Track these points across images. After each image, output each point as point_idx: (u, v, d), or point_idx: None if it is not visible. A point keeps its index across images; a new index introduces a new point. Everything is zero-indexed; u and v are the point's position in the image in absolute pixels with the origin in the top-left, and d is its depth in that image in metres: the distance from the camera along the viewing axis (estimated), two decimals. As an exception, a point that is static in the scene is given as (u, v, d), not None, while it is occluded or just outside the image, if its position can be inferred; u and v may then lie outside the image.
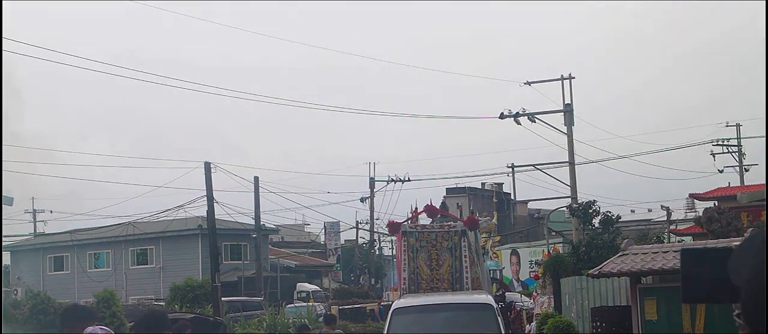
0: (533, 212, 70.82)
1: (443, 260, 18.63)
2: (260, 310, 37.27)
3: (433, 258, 18.62)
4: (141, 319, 7.34)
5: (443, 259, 18.63)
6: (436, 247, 18.72)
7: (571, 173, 44.71)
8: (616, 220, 37.35)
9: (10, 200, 23.41)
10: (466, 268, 18.41)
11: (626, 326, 22.29)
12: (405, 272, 18.53)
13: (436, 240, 18.77)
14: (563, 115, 44.82)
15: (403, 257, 18.71)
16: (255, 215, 51.55)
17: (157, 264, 61.26)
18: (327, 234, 71.47)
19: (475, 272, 18.61)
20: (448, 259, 18.61)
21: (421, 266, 18.56)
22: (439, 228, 19.12)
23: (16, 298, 39.27)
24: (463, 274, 18.35)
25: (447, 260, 18.61)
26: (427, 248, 18.69)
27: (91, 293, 39.05)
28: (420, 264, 18.57)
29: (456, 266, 18.51)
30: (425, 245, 18.71)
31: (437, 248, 18.71)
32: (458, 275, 18.42)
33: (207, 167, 38.79)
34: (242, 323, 32.36)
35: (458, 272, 18.44)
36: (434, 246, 18.71)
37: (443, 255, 18.65)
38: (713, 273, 2.04)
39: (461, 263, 18.48)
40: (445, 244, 18.69)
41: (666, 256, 21.30)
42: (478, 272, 18.85)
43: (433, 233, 19.00)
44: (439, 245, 18.71)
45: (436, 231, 19.04)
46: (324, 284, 63.54)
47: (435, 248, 18.70)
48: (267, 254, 60.47)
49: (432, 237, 18.84)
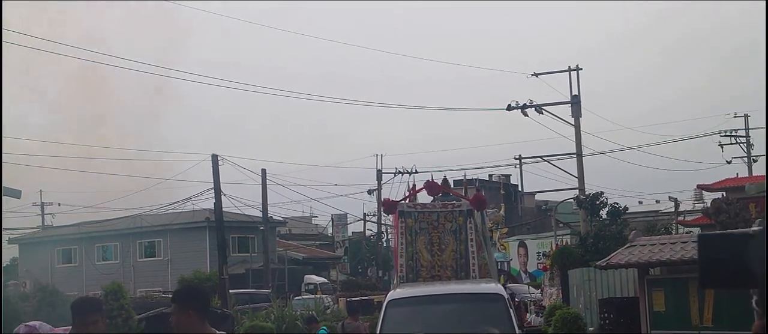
0: (541, 203, 70.80)
1: (446, 243, 16.39)
2: (268, 302, 37.26)
3: (435, 242, 16.40)
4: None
5: (446, 243, 16.40)
6: (437, 229, 16.46)
7: (579, 164, 44.62)
8: (624, 211, 37.30)
9: (17, 192, 23.41)
10: (473, 253, 16.13)
11: (634, 317, 22.26)
12: (402, 257, 16.27)
13: (437, 221, 16.49)
14: (570, 106, 44.75)
15: (400, 241, 16.40)
16: (262, 208, 51.58)
17: (164, 256, 61.38)
18: (334, 226, 71.49)
19: (482, 258, 16.46)
20: (451, 243, 16.37)
21: (421, 251, 16.35)
22: (442, 208, 16.75)
23: (25, 290, 39.38)
24: (469, 260, 16.13)
25: (450, 243, 16.37)
26: (428, 231, 16.44)
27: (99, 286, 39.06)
28: (419, 249, 16.35)
29: (461, 251, 16.27)
30: (426, 226, 16.46)
31: (439, 230, 16.45)
32: (463, 261, 16.20)
33: (214, 160, 38.81)
34: (250, 315, 32.36)
35: (464, 258, 16.21)
36: (436, 228, 16.47)
37: (446, 238, 16.40)
38: (732, 259, 2.01)
39: (467, 247, 16.22)
40: (448, 225, 16.45)
41: (674, 247, 21.26)
42: (485, 258, 16.69)
43: (434, 213, 16.64)
44: (441, 227, 16.46)
45: (437, 211, 16.67)
46: (331, 276, 63.56)
47: (437, 230, 16.45)
48: (275, 247, 60.53)
49: (433, 218, 16.53)
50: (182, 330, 6.06)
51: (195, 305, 6.12)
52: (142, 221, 56.16)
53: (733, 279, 2.04)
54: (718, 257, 2.09)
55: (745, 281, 1.88)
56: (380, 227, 66.52)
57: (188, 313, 6.07)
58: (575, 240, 38.98)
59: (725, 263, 2.06)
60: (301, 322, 27.57)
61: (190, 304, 6.12)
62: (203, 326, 6.09)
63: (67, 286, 44.67)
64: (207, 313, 6.17)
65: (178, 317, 6.10)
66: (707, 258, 2.09)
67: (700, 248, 2.11)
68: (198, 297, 6.27)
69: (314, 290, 51.26)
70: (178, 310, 6.12)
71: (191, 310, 6.07)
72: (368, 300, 45.48)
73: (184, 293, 6.40)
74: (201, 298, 6.28)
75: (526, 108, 44.87)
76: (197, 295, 6.35)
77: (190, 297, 6.25)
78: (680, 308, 20.90)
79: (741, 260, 1.98)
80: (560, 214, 58.30)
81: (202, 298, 6.29)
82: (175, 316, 6.13)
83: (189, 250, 59.05)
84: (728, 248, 2.07)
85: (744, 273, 1.94)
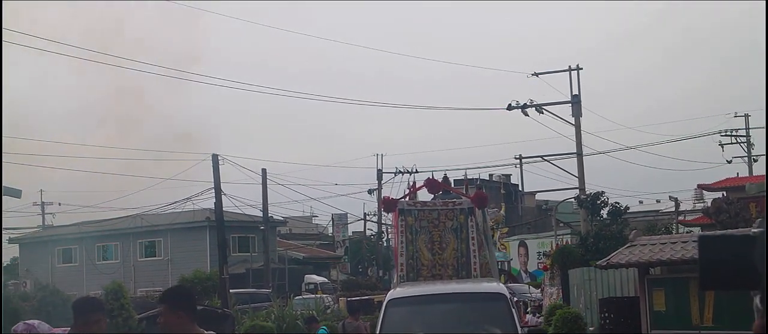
0: (541, 203, 70.83)
1: (447, 242, 16.19)
2: (268, 302, 37.28)
3: (436, 240, 16.20)
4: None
5: (447, 241, 16.19)
6: (438, 227, 16.24)
7: (579, 164, 44.64)
8: (624, 211, 37.31)
9: (18, 192, 23.42)
10: (474, 251, 15.97)
11: (634, 317, 22.26)
12: (402, 256, 16.04)
13: (438, 219, 16.28)
14: (571, 106, 44.76)
15: (400, 240, 16.18)
16: (263, 207, 51.59)
17: (165, 256, 61.40)
18: (335, 226, 71.54)
19: (483, 257, 16.29)
20: (452, 241, 16.17)
21: (422, 250, 16.14)
22: (443, 205, 16.53)
23: (25, 290, 39.42)
24: (470, 259, 15.97)
25: (451, 242, 16.18)
26: (429, 229, 16.23)
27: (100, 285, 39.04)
28: (420, 247, 16.14)
29: (462, 250, 16.10)
30: (426, 225, 16.25)
31: (440, 228, 16.23)
32: (464, 259, 16.06)
33: (215, 159, 38.81)
34: (250, 315, 32.37)
35: (464, 257, 16.06)
36: (436, 226, 16.24)
37: (447, 237, 16.20)
38: (734, 260, 2.02)
39: (468, 245, 16.06)
40: (449, 224, 16.23)
41: (674, 247, 21.26)
42: (486, 257, 16.55)
43: (435, 210, 16.41)
44: (442, 225, 16.24)
45: (438, 209, 16.44)
46: (332, 276, 63.58)
47: (437, 228, 16.23)
48: (275, 246, 60.55)
49: (434, 216, 16.31)
50: (171, 330, 6.07)
51: (184, 306, 6.13)
52: (143, 220, 56.16)
53: (734, 280, 2.04)
54: (719, 258, 2.08)
55: (745, 282, 1.88)
56: (380, 226, 66.57)
57: (178, 313, 6.08)
58: (576, 240, 39.00)
59: (726, 264, 2.06)
60: (302, 322, 27.60)
61: (180, 304, 6.14)
62: (192, 326, 6.10)
63: (67, 286, 44.65)
64: (195, 313, 6.19)
65: (167, 318, 6.12)
66: (708, 259, 2.09)
67: (701, 250, 2.11)
68: (187, 298, 6.30)
69: (315, 289, 51.26)
70: (168, 310, 6.13)
71: (181, 310, 6.09)
72: (369, 300, 45.50)
73: (172, 294, 6.41)
74: (189, 298, 6.31)
75: (527, 108, 44.91)
76: (186, 295, 6.37)
77: (179, 297, 6.27)
78: (681, 308, 20.90)
79: (742, 261, 1.98)
80: (561, 213, 58.31)
81: (190, 298, 6.32)
82: (164, 316, 6.15)
83: (189, 249, 59.08)
84: (729, 249, 2.07)
85: (744, 274, 1.94)
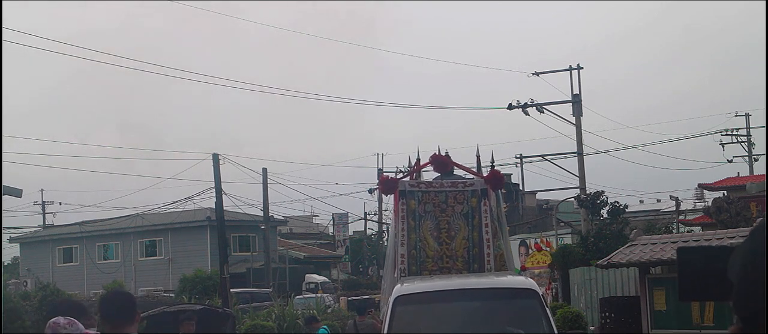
0: (542, 202, 70.81)
1: (456, 229, 13.74)
2: (269, 301, 37.32)
3: (443, 228, 13.74)
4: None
5: (456, 228, 13.74)
6: (446, 212, 13.79)
7: (580, 163, 44.63)
8: (625, 210, 37.28)
9: (18, 191, 23.45)
10: (488, 240, 13.59)
11: (635, 316, 22.28)
12: (404, 246, 13.56)
13: (446, 203, 13.82)
14: (571, 105, 44.75)
15: (401, 226, 13.66)
16: (263, 207, 51.63)
17: (166, 256, 61.45)
18: (335, 225, 71.56)
19: (498, 247, 13.88)
20: (462, 228, 13.72)
21: (427, 239, 13.73)
22: (451, 186, 14.05)
23: (26, 289, 39.46)
24: (483, 249, 13.59)
25: (462, 229, 13.73)
26: (435, 214, 13.78)
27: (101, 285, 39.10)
28: (424, 236, 13.72)
29: (473, 239, 13.68)
30: (432, 209, 13.79)
31: (448, 213, 13.79)
32: (477, 250, 13.64)
33: (215, 159, 38.83)
34: (251, 314, 32.41)
35: (477, 247, 13.65)
36: (444, 211, 13.79)
37: (456, 223, 13.75)
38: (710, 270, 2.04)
39: (481, 234, 13.65)
40: (458, 208, 13.80)
41: (675, 246, 21.25)
42: (502, 247, 14.07)
43: (442, 192, 13.90)
44: (450, 210, 13.80)
45: (446, 190, 13.94)
46: (332, 275, 63.63)
47: (445, 213, 13.79)
48: (275, 246, 60.56)
49: (441, 199, 13.83)
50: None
51: (122, 312, 6.07)
52: (143, 219, 56.23)
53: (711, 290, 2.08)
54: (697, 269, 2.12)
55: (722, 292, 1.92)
56: (381, 225, 66.57)
57: (115, 321, 6.01)
58: (576, 239, 38.98)
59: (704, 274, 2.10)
60: (302, 321, 27.61)
61: (116, 312, 6.07)
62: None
63: (68, 285, 44.74)
64: (134, 320, 6.10)
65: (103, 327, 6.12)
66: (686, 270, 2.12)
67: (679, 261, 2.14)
68: (126, 304, 6.23)
69: (315, 289, 51.28)
70: (103, 321, 6.12)
71: (118, 318, 6.03)
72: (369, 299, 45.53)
73: (109, 301, 6.36)
74: (128, 304, 6.23)
75: (527, 107, 44.86)
76: (125, 301, 6.30)
77: (115, 306, 6.20)
78: (681, 307, 20.90)
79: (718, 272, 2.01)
80: (561, 213, 58.25)
81: (129, 304, 6.24)
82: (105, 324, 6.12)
83: (190, 249, 59.13)
84: (707, 260, 2.10)
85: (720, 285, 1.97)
